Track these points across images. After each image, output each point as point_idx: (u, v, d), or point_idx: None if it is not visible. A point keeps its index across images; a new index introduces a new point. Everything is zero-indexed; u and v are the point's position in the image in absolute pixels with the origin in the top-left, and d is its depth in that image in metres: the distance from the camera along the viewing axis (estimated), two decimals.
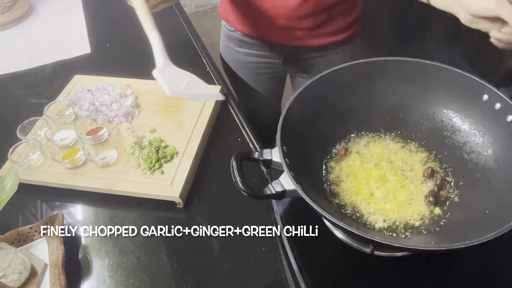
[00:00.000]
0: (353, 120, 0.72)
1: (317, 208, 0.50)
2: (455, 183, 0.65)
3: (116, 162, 0.80)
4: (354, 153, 0.70)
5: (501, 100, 0.61)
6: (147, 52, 1.14)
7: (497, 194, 0.58)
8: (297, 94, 0.64)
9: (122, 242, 0.70)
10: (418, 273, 0.60)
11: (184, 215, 0.74)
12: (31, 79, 1.09)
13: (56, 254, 0.66)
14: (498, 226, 0.48)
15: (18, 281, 0.63)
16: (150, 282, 0.65)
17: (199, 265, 0.66)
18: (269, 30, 0.97)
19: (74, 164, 0.79)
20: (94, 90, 0.94)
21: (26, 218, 0.76)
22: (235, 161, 0.60)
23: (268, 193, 0.57)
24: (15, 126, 0.85)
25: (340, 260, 0.62)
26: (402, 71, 0.69)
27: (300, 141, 0.64)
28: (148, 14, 0.75)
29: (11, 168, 0.79)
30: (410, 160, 0.69)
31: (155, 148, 0.80)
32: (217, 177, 0.81)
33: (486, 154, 0.64)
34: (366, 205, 0.63)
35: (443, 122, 0.70)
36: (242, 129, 0.89)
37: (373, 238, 0.48)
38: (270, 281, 0.64)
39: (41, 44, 1.21)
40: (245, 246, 0.68)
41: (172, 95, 0.67)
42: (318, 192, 0.64)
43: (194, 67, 1.07)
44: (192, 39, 1.17)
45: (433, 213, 0.62)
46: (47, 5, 1.40)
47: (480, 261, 0.60)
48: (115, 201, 0.76)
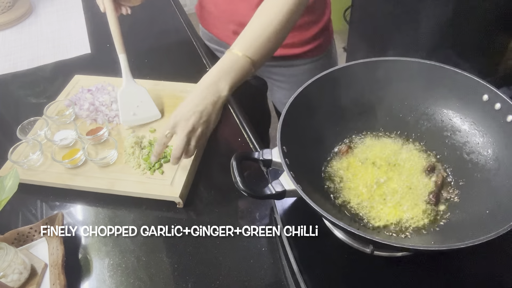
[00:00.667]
0: (353, 120, 0.72)
1: (317, 208, 0.50)
2: (455, 183, 0.65)
3: (116, 162, 0.80)
4: (354, 153, 0.70)
5: (501, 100, 0.61)
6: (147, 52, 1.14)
7: (497, 194, 0.58)
8: (297, 94, 0.64)
9: (122, 242, 0.70)
10: (418, 273, 0.60)
11: (184, 215, 0.74)
12: (31, 79, 1.09)
13: (56, 254, 0.66)
14: (498, 226, 0.48)
15: (18, 281, 0.63)
16: (150, 282, 0.65)
17: (199, 265, 0.66)
18: (225, 33, 1.00)
19: (74, 164, 0.79)
20: (94, 90, 0.94)
21: (26, 218, 0.76)
22: (235, 161, 0.60)
23: (268, 193, 0.57)
24: (15, 126, 0.85)
25: (340, 260, 0.62)
26: (402, 71, 0.69)
27: (300, 141, 0.64)
28: (120, 38, 0.84)
29: (11, 168, 0.79)
30: (410, 160, 0.69)
31: None
32: (217, 177, 0.81)
33: (486, 154, 0.64)
34: (366, 205, 0.63)
35: (443, 122, 0.70)
36: (242, 129, 0.89)
37: (373, 238, 0.48)
38: (270, 281, 0.64)
39: (41, 44, 1.21)
40: (245, 246, 0.68)
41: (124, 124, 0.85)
42: (318, 192, 0.64)
43: (194, 67, 1.08)
44: (192, 39, 1.17)
45: (433, 213, 0.62)
46: (47, 5, 1.40)
47: (480, 261, 0.60)
48: (115, 201, 0.76)
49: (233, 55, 0.69)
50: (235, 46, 0.70)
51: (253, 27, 0.70)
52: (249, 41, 0.70)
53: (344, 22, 2.41)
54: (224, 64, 0.69)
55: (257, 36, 0.69)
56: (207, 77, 0.70)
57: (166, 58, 1.12)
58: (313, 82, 0.66)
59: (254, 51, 0.69)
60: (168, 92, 0.95)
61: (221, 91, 0.69)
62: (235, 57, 0.69)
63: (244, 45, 0.70)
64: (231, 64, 0.69)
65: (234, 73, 0.69)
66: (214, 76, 0.69)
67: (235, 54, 0.69)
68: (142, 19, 1.32)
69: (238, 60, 0.69)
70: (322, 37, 0.99)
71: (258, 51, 0.70)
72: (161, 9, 1.35)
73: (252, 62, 0.69)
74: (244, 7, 0.90)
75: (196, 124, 0.69)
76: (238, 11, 0.92)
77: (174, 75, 1.01)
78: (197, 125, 0.69)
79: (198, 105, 0.68)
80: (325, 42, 1.02)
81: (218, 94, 0.69)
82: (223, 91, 0.69)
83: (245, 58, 0.69)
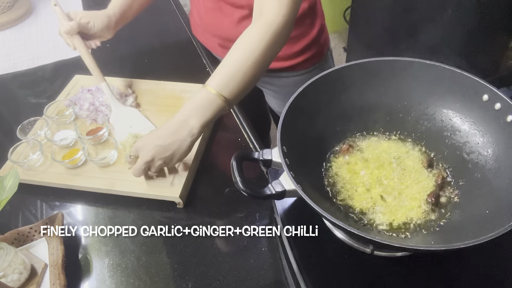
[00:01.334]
0: (353, 120, 0.72)
1: (317, 208, 0.50)
2: (455, 183, 0.65)
3: (116, 162, 0.80)
4: (354, 153, 0.70)
5: (501, 100, 0.61)
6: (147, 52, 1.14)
7: (497, 194, 0.58)
8: (297, 94, 0.64)
9: (122, 242, 0.70)
10: (418, 273, 0.60)
11: (184, 215, 0.74)
12: (31, 79, 1.09)
13: (56, 254, 0.66)
14: (498, 226, 0.48)
15: (18, 281, 0.63)
16: (150, 282, 0.65)
17: (199, 265, 0.66)
18: (212, 45, 1.01)
19: (74, 164, 0.79)
20: (94, 90, 0.94)
21: (26, 218, 0.76)
22: (235, 161, 0.60)
23: (268, 193, 0.57)
24: (15, 126, 0.85)
25: (340, 260, 0.62)
26: (402, 71, 0.69)
27: (300, 141, 0.64)
28: (96, 68, 0.88)
29: (11, 168, 0.79)
30: (410, 160, 0.69)
31: None
32: (217, 177, 0.81)
33: (486, 154, 0.64)
34: (366, 205, 0.63)
35: (443, 122, 0.70)
36: (242, 129, 0.89)
37: (373, 238, 0.48)
38: (270, 281, 0.64)
39: (41, 44, 1.22)
40: (245, 246, 0.68)
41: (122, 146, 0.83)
42: (318, 192, 0.64)
43: (194, 67, 1.08)
44: (192, 39, 1.17)
45: (433, 213, 0.62)
46: (47, 5, 1.40)
47: (480, 261, 0.60)
48: (115, 201, 0.76)
49: (208, 93, 0.68)
50: (211, 82, 0.69)
51: (229, 64, 0.69)
52: (224, 79, 0.68)
53: (344, 22, 2.41)
54: (198, 101, 0.69)
55: (233, 73, 0.68)
56: (180, 113, 0.69)
57: (166, 58, 1.12)
58: (312, 83, 0.66)
59: (230, 90, 0.68)
60: (168, 92, 0.95)
61: (192, 129, 0.68)
62: (210, 96, 0.68)
63: (219, 83, 0.68)
64: (204, 102, 0.68)
65: (207, 111, 0.68)
66: (187, 113, 0.69)
67: (209, 92, 0.68)
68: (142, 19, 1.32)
69: (212, 99, 0.68)
70: (313, 49, 0.96)
71: (234, 90, 0.68)
72: (161, 9, 1.35)
73: (226, 101, 0.69)
74: (227, 23, 0.90)
75: (156, 157, 0.69)
76: (221, 26, 0.92)
77: (174, 75, 1.01)
78: (157, 158, 0.70)
79: (165, 140, 0.68)
80: (317, 54, 0.98)
81: (188, 131, 0.68)
82: (194, 128, 0.68)
83: (219, 97, 0.68)
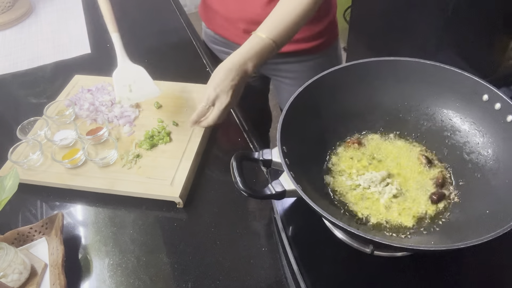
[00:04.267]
0: (353, 120, 0.72)
1: (317, 208, 0.50)
2: (455, 183, 0.65)
3: (116, 162, 0.80)
4: (354, 153, 0.70)
5: (501, 100, 0.61)
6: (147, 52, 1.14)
7: (497, 194, 0.58)
8: (297, 94, 0.64)
9: (122, 242, 0.70)
10: (418, 273, 0.60)
11: (184, 215, 0.74)
12: (31, 79, 1.09)
13: (56, 254, 0.66)
14: (498, 226, 0.48)
15: (18, 281, 0.63)
16: (150, 282, 0.65)
17: (199, 265, 0.66)
18: (233, 32, 1.01)
19: (74, 164, 0.79)
20: (94, 90, 0.94)
21: (26, 218, 0.76)
22: (235, 161, 0.60)
23: (268, 193, 0.57)
24: (15, 126, 0.85)
25: (340, 260, 0.62)
26: (402, 71, 0.69)
27: (300, 141, 0.64)
28: (112, 16, 0.88)
29: (11, 168, 0.79)
30: (410, 161, 0.69)
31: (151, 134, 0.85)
32: (217, 177, 0.81)
33: (486, 154, 0.64)
34: (366, 205, 0.63)
35: (443, 122, 0.70)
36: (242, 129, 0.89)
37: (373, 238, 0.48)
38: (270, 281, 0.64)
39: (41, 44, 1.22)
40: (245, 246, 0.68)
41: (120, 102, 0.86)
42: (318, 192, 0.64)
43: (194, 67, 1.08)
44: (192, 39, 1.17)
45: (433, 213, 0.62)
46: (47, 5, 1.40)
47: (480, 261, 0.60)
48: (115, 201, 0.76)
49: (258, 37, 0.76)
50: (260, 29, 0.77)
51: (277, 13, 0.77)
52: (273, 25, 0.77)
53: (344, 22, 2.41)
54: (251, 45, 0.76)
55: (280, 20, 0.76)
56: (235, 57, 0.76)
57: (166, 58, 1.12)
58: (312, 83, 0.66)
59: (277, 33, 0.76)
60: (168, 92, 0.95)
61: (247, 70, 0.77)
62: (260, 40, 0.76)
63: (268, 28, 0.77)
64: (257, 46, 0.76)
65: (259, 54, 0.77)
66: (242, 56, 0.76)
67: (259, 36, 0.76)
68: (142, 19, 1.32)
69: (263, 42, 0.76)
70: (329, 31, 1.02)
71: (281, 34, 0.77)
72: (161, 9, 1.35)
73: (275, 44, 0.77)
74: (255, 5, 0.91)
75: (232, 97, 0.77)
76: (248, 9, 0.92)
77: (174, 75, 1.01)
78: (232, 98, 0.77)
79: (233, 80, 0.76)
80: (332, 37, 1.04)
81: (245, 72, 0.77)
82: (249, 69, 0.77)
83: (269, 40, 0.76)
